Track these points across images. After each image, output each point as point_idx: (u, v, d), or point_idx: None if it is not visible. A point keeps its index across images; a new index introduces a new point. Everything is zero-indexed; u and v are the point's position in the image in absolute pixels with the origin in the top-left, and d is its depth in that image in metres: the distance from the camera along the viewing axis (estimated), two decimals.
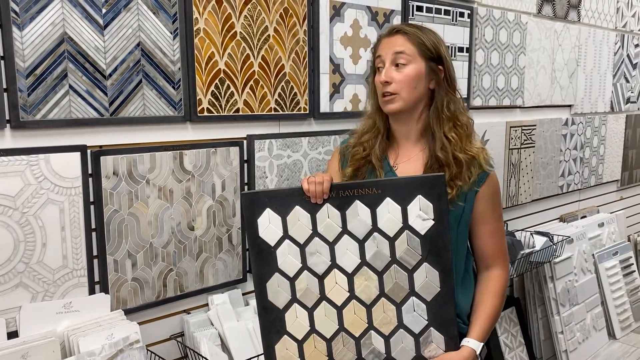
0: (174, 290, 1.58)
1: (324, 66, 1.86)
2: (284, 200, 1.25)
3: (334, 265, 1.26)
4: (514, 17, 2.56)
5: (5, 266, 1.29)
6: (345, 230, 1.25)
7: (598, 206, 3.43)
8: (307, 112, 1.84)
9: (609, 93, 3.35)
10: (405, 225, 1.23)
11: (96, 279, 1.45)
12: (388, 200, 1.24)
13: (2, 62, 1.25)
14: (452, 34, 2.27)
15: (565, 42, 2.92)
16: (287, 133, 1.81)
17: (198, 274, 1.63)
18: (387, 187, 1.25)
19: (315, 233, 1.25)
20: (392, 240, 1.24)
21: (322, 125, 1.91)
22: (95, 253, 1.44)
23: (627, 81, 3.51)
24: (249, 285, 1.77)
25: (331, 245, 1.25)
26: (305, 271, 1.26)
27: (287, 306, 1.27)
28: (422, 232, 1.23)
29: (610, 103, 3.37)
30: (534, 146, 2.79)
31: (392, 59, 1.36)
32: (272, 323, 1.27)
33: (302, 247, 1.26)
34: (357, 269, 1.25)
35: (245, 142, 1.71)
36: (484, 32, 2.42)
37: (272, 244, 1.26)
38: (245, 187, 1.73)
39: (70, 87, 1.35)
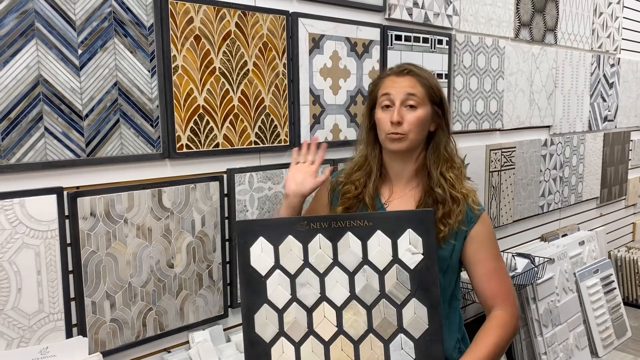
0: (153, 329, 1.56)
1: (304, 98, 1.86)
2: (278, 229, 1.27)
3: (323, 297, 1.26)
4: (492, 42, 2.60)
5: None
6: (336, 262, 1.26)
7: (578, 224, 3.47)
8: (288, 143, 1.84)
9: (587, 112, 3.40)
10: (395, 259, 1.25)
11: (74, 321, 1.42)
12: (379, 232, 1.25)
13: None
14: (431, 61, 2.29)
15: (542, 64, 2.96)
16: (268, 165, 1.80)
17: (178, 312, 1.61)
18: (378, 219, 1.26)
19: (306, 263, 1.26)
20: (381, 274, 1.25)
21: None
22: (72, 295, 1.41)
23: (604, 100, 3.57)
24: (230, 320, 1.76)
25: (322, 276, 1.26)
26: (295, 303, 1.26)
27: (274, 340, 1.26)
28: (412, 267, 1.24)
29: (588, 122, 3.42)
30: (514, 168, 2.82)
31: (403, 99, 1.38)
32: (257, 358, 1.25)
33: (292, 277, 1.26)
34: (347, 302, 1.25)
35: (225, 176, 1.70)
36: (462, 58, 2.44)
37: (263, 273, 1.26)
38: (226, 221, 1.71)
39: (46, 129, 1.33)
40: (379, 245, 1.25)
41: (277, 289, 1.26)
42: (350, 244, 1.26)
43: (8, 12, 1.25)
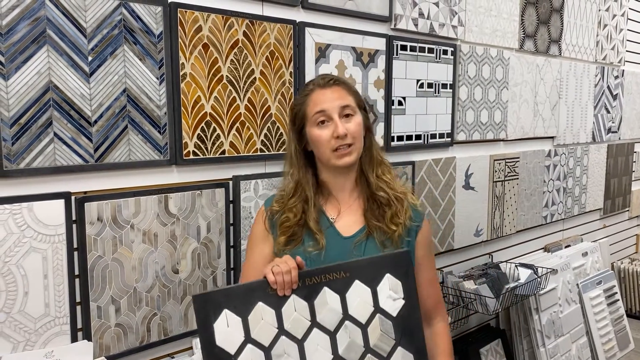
0: (157, 334, 1.57)
1: None
2: (244, 297, 1.12)
3: None
4: (497, 53, 2.61)
5: None
6: (314, 323, 1.15)
7: (581, 235, 3.47)
8: None
9: (591, 124, 3.41)
10: (377, 309, 1.19)
11: (79, 326, 1.43)
12: (357, 282, 1.18)
13: None
14: (436, 71, 2.31)
15: (547, 75, 2.98)
16: (273, 173, 1.81)
17: (182, 318, 1.62)
18: (354, 269, 1.19)
19: (281, 331, 1.13)
20: (364, 327, 1.17)
21: None
22: (78, 300, 1.42)
23: (608, 112, 3.58)
24: None
25: (300, 342, 1.14)
26: None
27: None
28: (394, 314, 1.19)
29: (592, 133, 3.43)
30: (517, 178, 2.83)
31: (339, 111, 1.32)
32: None
33: (267, 350, 1.12)
34: None
35: (231, 183, 1.72)
36: (467, 68, 2.46)
37: (233, 352, 1.10)
38: (231, 228, 1.72)
39: (55, 134, 1.35)
40: (359, 296, 1.18)
41: None
42: (328, 300, 1.16)
43: (21, 19, 1.27)
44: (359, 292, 1.18)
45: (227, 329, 1.10)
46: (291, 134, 1.40)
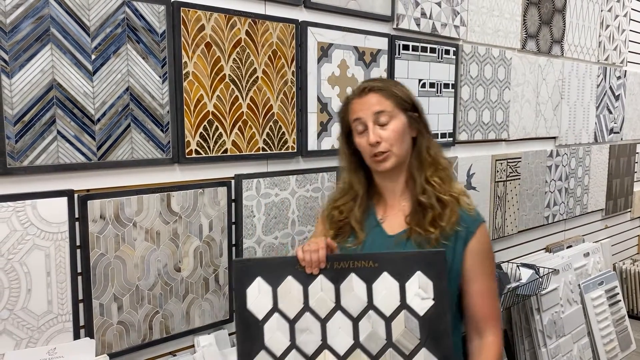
0: (159, 332, 1.57)
1: (312, 105, 1.88)
2: (277, 269, 1.18)
3: (324, 345, 1.17)
4: (499, 53, 2.61)
5: None
6: (338, 306, 1.17)
7: (583, 235, 3.47)
8: (295, 150, 1.86)
9: (593, 124, 3.41)
10: (403, 304, 1.16)
11: (81, 323, 1.44)
12: (385, 275, 1.17)
13: None
14: (438, 71, 2.31)
15: (549, 76, 2.98)
16: (275, 172, 1.82)
17: (184, 316, 1.62)
18: (384, 260, 1.18)
19: (306, 307, 1.17)
20: (388, 321, 1.16)
21: (309, 163, 1.93)
22: (80, 297, 1.43)
23: (610, 112, 3.58)
24: None
25: (323, 322, 1.17)
26: (294, 350, 1.17)
27: None
28: (421, 313, 1.16)
29: (594, 134, 3.43)
30: (519, 178, 2.83)
31: (374, 119, 1.33)
32: None
33: (291, 322, 1.17)
34: (350, 351, 1.16)
35: (233, 181, 1.72)
36: (469, 68, 2.46)
37: (260, 317, 1.18)
38: (233, 227, 1.73)
39: (59, 132, 1.35)
40: (386, 288, 1.17)
41: (275, 335, 1.17)
42: (354, 286, 1.17)
43: (25, 17, 1.28)
44: (386, 285, 1.18)
45: (257, 295, 1.18)
46: (341, 138, 1.44)
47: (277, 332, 1.17)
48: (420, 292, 1.16)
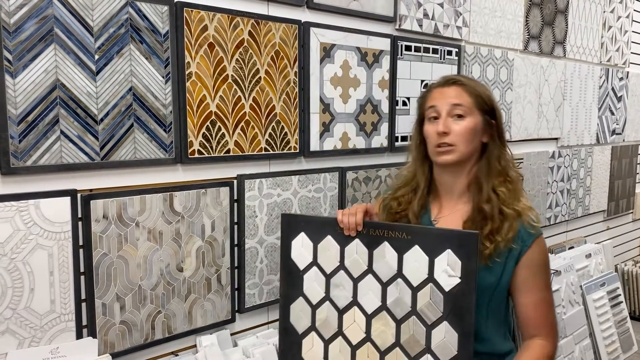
0: (162, 332, 1.58)
1: (314, 106, 1.88)
2: (319, 227, 1.31)
3: (355, 302, 1.27)
4: (501, 54, 2.61)
5: None
6: (370, 270, 1.26)
7: (585, 237, 3.47)
8: (297, 150, 1.86)
9: (595, 125, 3.41)
10: (430, 278, 1.20)
11: (84, 322, 1.44)
12: (416, 248, 1.22)
13: None
14: (440, 72, 2.31)
15: (551, 77, 2.98)
16: (278, 172, 1.82)
17: (186, 315, 1.63)
18: (418, 234, 1.23)
19: (341, 266, 1.29)
20: (415, 290, 1.22)
21: (312, 164, 1.93)
22: (83, 297, 1.43)
23: (612, 113, 3.58)
24: (237, 325, 1.77)
25: (355, 281, 1.27)
26: (327, 302, 1.30)
27: (306, 332, 1.31)
28: (447, 289, 1.19)
29: (596, 135, 3.42)
30: (521, 179, 2.82)
31: (449, 110, 1.32)
32: (289, 346, 1.32)
33: (327, 276, 1.30)
34: (377, 312, 1.25)
35: (235, 182, 1.72)
36: (471, 69, 2.46)
37: (302, 267, 1.32)
38: (235, 227, 1.73)
39: (62, 132, 1.36)
40: (415, 260, 1.22)
41: (312, 285, 1.30)
42: (386, 254, 1.24)
43: (28, 17, 1.28)
44: (416, 257, 1.23)
45: (300, 247, 1.33)
46: (415, 126, 1.44)
47: (314, 282, 1.31)
48: (448, 269, 1.19)
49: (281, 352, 1.36)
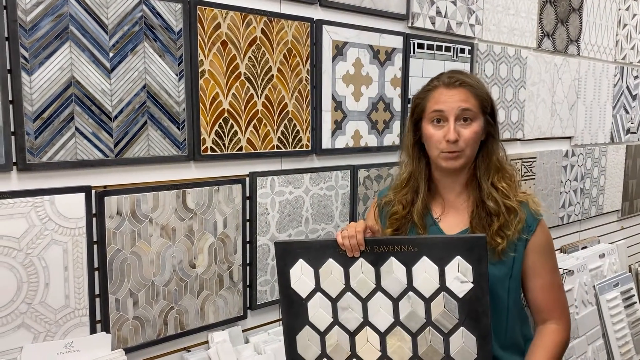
0: (174, 328, 1.59)
1: (326, 104, 1.89)
2: (317, 252, 1.24)
3: (366, 322, 1.23)
4: (514, 52, 2.60)
5: (8, 307, 1.30)
6: (379, 287, 1.22)
7: (599, 236, 3.43)
8: (309, 148, 1.86)
9: (609, 124, 3.37)
10: (442, 287, 1.19)
11: (98, 318, 1.45)
12: (424, 259, 1.20)
13: (11, 106, 1.28)
14: None
15: (565, 75, 2.95)
16: (289, 169, 1.83)
17: (199, 312, 1.64)
18: (423, 245, 1.20)
19: (347, 288, 1.23)
20: (427, 301, 1.20)
21: (323, 161, 1.93)
22: (97, 292, 1.45)
23: (627, 112, 3.54)
24: (249, 322, 1.78)
25: (364, 301, 1.23)
26: (337, 326, 1.24)
27: None
28: (460, 295, 1.18)
29: (610, 134, 3.39)
30: (534, 178, 2.81)
31: (457, 115, 1.29)
32: None
33: (334, 301, 1.24)
34: (390, 328, 1.22)
35: (247, 179, 1.73)
36: (484, 67, 2.45)
37: (304, 295, 1.26)
38: (247, 224, 1.74)
39: (77, 129, 1.37)
40: (425, 271, 1.20)
41: (318, 312, 1.24)
42: (393, 269, 1.21)
43: (44, 15, 1.30)
44: (425, 268, 1.20)
45: (300, 275, 1.25)
46: (409, 124, 1.41)
47: (320, 309, 1.25)
48: (460, 275, 1.18)
49: None
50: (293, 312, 1.25)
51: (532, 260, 1.32)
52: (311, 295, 1.25)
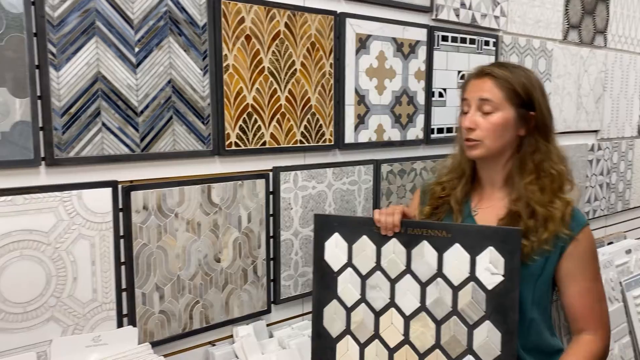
0: (199, 322, 1.59)
1: (349, 98, 1.87)
2: (354, 227, 1.28)
3: (392, 303, 1.25)
4: (540, 44, 2.55)
5: (37, 300, 1.32)
6: (408, 270, 1.24)
7: (625, 232, 3.37)
8: (332, 143, 1.85)
9: (637, 117, 3.30)
10: (472, 277, 1.18)
11: (124, 312, 1.46)
12: (457, 246, 1.20)
13: (39, 102, 1.29)
14: (477, 62, 2.26)
15: (591, 67, 2.89)
16: (312, 164, 1.82)
17: (223, 306, 1.64)
18: (458, 232, 1.20)
19: (378, 266, 1.26)
20: (455, 290, 1.20)
21: (346, 156, 1.92)
22: (124, 286, 1.46)
23: None
24: (273, 316, 1.78)
25: (392, 282, 1.25)
26: (363, 304, 1.27)
27: (340, 336, 1.28)
28: (489, 287, 1.17)
29: (637, 127, 3.32)
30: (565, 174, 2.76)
31: (478, 104, 1.30)
32: (323, 350, 1.29)
33: (363, 278, 1.27)
34: (415, 313, 1.22)
35: (271, 174, 1.72)
36: (509, 59, 2.41)
37: (336, 269, 1.29)
38: (271, 219, 1.73)
39: (103, 124, 1.38)
40: (456, 259, 1.20)
41: (347, 287, 1.27)
42: (425, 253, 1.21)
43: (71, 11, 1.30)
44: (457, 255, 1.20)
45: (334, 248, 1.29)
46: (459, 114, 1.43)
47: (349, 284, 1.28)
48: (491, 267, 1.17)
49: (314, 356, 1.31)
50: (323, 284, 1.28)
51: (568, 266, 1.27)
52: (342, 269, 1.28)
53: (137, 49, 1.41)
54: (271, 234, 1.74)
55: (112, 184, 1.41)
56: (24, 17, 1.24)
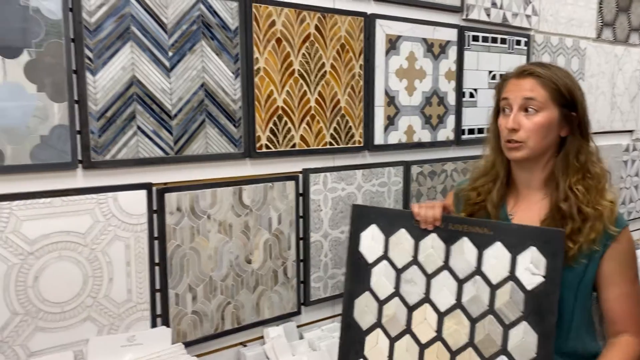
0: (231, 322, 1.61)
1: (379, 99, 1.86)
2: (392, 220, 1.27)
3: (427, 299, 1.23)
4: (572, 43, 2.50)
5: (74, 300, 1.35)
6: (446, 266, 1.22)
7: None
8: (362, 144, 1.85)
9: None
10: (512, 276, 1.16)
11: (158, 312, 1.49)
12: (498, 244, 1.18)
13: (77, 105, 1.32)
14: (509, 62, 2.24)
15: (626, 66, 2.83)
16: (342, 166, 1.82)
17: (254, 307, 1.65)
18: (500, 230, 1.18)
19: (414, 261, 1.24)
20: (493, 288, 1.17)
21: (376, 158, 1.92)
22: (157, 287, 1.48)
23: None
24: (303, 318, 1.78)
25: (429, 277, 1.23)
26: (396, 298, 1.25)
27: (370, 329, 1.26)
28: (529, 288, 1.15)
29: None
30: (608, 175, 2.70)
31: (521, 104, 1.27)
32: (351, 342, 1.27)
33: (398, 271, 1.25)
34: (450, 309, 1.21)
35: (300, 176, 1.73)
36: (541, 59, 2.37)
37: (370, 261, 1.27)
38: (301, 220, 1.74)
39: (138, 127, 1.40)
40: (496, 257, 1.17)
41: (380, 280, 1.25)
42: (464, 250, 1.20)
43: (108, 16, 1.33)
44: (497, 254, 1.18)
45: (370, 240, 1.27)
46: (492, 115, 1.41)
47: (382, 277, 1.25)
48: (531, 267, 1.15)
49: (342, 349, 1.29)
50: (356, 276, 1.26)
51: (609, 269, 1.24)
52: (377, 261, 1.25)
53: (170, 53, 1.43)
54: (301, 236, 1.75)
55: (147, 186, 1.43)
56: (62, 23, 1.27)
